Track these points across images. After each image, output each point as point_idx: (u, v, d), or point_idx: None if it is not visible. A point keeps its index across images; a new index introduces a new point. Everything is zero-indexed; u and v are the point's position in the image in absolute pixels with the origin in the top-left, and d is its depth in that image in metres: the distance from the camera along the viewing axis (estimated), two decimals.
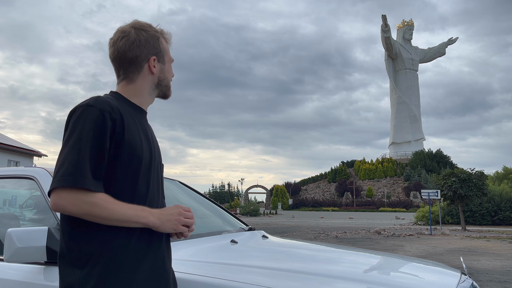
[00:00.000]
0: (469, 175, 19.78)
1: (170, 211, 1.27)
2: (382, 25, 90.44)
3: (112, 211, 1.16)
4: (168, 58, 1.46)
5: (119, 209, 1.17)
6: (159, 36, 1.43)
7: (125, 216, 1.18)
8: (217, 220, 2.80)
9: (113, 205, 1.17)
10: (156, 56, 1.40)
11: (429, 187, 60.56)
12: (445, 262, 8.39)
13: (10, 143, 25.57)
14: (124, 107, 1.31)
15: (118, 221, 1.18)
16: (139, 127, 1.32)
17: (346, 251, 2.20)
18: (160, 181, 1.39)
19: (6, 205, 3.04)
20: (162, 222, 1.24)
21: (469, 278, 2.02)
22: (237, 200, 67.81)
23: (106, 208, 1.16)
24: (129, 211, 1.19)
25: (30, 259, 1.53)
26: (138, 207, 1.21)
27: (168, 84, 1.46)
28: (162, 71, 1.43)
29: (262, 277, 1.52)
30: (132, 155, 1.25)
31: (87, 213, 1.15)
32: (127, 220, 1.18)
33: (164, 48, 1.44)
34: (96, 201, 1.15)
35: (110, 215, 1.17)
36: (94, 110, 1.20)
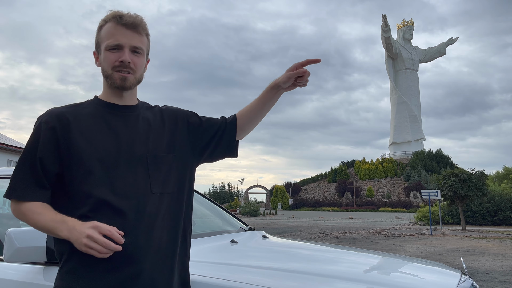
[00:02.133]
0: (469, 175, 19.76)
1: (82, 229, 1.14)
2: (382, 25, 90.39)
3: (35, 221, 1.22)
4: (104, 45, 1.29)
5: (42, 220, 1.21)
6: (102, 24, 1.32)
7: (46, 227, 1.20)
8: (217, 220, 2.80)
9: (37, 215, 1.22)
10: (95, 48, 1.36)
11: (429, 187, 60.53)
12: (445, 262, 8.39)
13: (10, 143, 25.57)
14: (88, 110, 1.32)
15: (43, 230, 1.23)
16: (103, 126, 1.29)
17: (346, 251, 2.20)
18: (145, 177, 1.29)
19: (6, 205, 3.04)
20: (73, 239, 1.15)
21: (469, 278, 2.02)
22: (237, 200, 67.78)
23: (31, 218, 1.22)
24: (49, 223, 1.20)
25: (30, 259, 1.53)
26: (60, 218, 1.19)
27: (107, 73, 1.30)
28: (101, 62, 1.33)
29: (262, 277, 1.52)
30: (81, 157, 1.24)
31: (22, 220, 1.26)
32: (48, 231, 1.21)
33: (102, 36, 1.31)
34: (24, 211, 1.24)
35: (35, 225, 1.23)
36: (36, 123, 1.29)
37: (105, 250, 1.12)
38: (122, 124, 1.32)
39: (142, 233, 1.24)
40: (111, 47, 1.28)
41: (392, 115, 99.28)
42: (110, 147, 1.27)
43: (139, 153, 1.30)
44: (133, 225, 1.23)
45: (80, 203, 1.23)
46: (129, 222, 1.23)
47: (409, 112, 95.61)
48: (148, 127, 1.36)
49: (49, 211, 1.23)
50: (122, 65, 1.28)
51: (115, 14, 1.30)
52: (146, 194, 1.28)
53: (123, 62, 1.28)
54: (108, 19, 1.30)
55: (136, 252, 1.21)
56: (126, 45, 1.28)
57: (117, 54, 1.28)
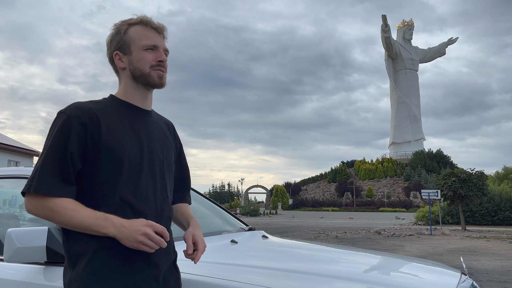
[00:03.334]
0: (469, 175, 19.76)
1: (135, 227, 1.17)
2: (382, 25, 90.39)
3: (69, 218, 1.17)
4: (137, 45, 1.35)
5: (78, 217, 1.17)
6: (125, 28, 1.36)
7: (84, 224, 1.17)
8: (217, 220, 2.80)
9: (71, 212, 1.18)
10: (119, 50, 1.37)
11: (429, 187, 60.53)
12: (445, 262, 8.39)
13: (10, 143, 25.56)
14: (111, 108, 1.32)
15: (77, 228, 1.19)
16: (128, 127, 1.31)
17: (346, 251, 2.20)
18: (160, 181, 1.36)
19: (6, 205, 3.03)
20: (122, 236, 1.17)
21: (469, 278, 2.02)
22: (237, 200, 67.79)
23: (64, 215, 1.17)
24: (88, 220, 1.17)
25: (30, 259, 1.53)
26: (101, 215, 1.18)
27: (143, 72, 1.34)
28: (131, 62, 1.35)
29: (262, 277, 1.52)
30: (112, 157, 1.24)
31: (47, 218, 1.19)
32: (86, 228, 1.18)
33: (129, 38, 1.35)
34: (53, 207, 1.18)
35: (68, 222, 1.18)
36: (63, 116, 1.25)
37: (157, 247, 1.18)
38: (143, 128, 1.37)
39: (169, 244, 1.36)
40: (148, 47, 1.35)
41: (392, 115, 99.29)
42: (136, 150, 1.30)
43: (158, 159, 1.37)
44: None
45: (102, 202, 1.23)
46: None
47: (409, 112, 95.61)
48: (162, 135, 1.44)
49: (83, 207, 1.19)
50: (160, 64, 1.36)
51: (144, 19, 1.37)
52: (163, 199, 1.36)
53: (162, 61, 1.36)
54: (135, 23, 1.36)
55: (156, 255, 1.28)
56: (160, 46, 1.37)
57: (153, 54, 1.35)
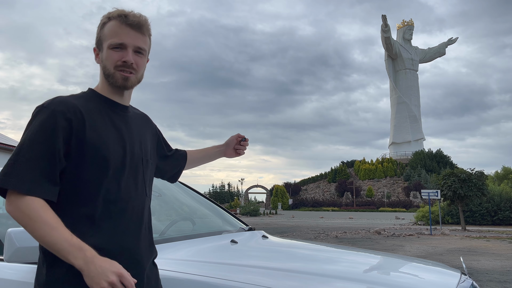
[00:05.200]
0: (469, 175, 19.77)
1: (105, 271, 1.03)
2: (382, 25, 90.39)
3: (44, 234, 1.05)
4: (106, 43, 1.27)
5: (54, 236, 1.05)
6: (106, 21, 1.28)
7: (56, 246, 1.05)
8: (217, 220, 2.80)
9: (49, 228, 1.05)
10: (96, 45, 1.31)
11: (429, 187, 60.52)
12: (445, 262, 8.39)
13: (10, 143, 25.56)
14: (93, 104, 1.26)
15: (45, 245, 1.07)
16: (109, 124, 1.26)
17: (346, 251, 2.20)
18: (141, 179, 1.32)
19: None
20: (88, 272, 1.03)
21: (469, 278, 2.02)
22: (237, 200, 67.77)
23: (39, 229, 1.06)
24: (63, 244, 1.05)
25: (30, 259, 1.52)
26: (77, 243, 1.06)
27: (109, 72, 1.27)
28: (102, 60, 1.29)
29: (262, 277, 1.52)
30: (96, 155, 1.19)
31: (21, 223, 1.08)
32: (56, 250, 1.06)
33: (103, 34, 1.28)
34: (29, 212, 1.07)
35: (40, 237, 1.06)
36: (46, 111, 1.17)
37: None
38: (123, 124, 1.31)
39: (143, 236, 1.30)
40: (115, 46, 1.26)
41: (392, 115, 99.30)
42: (119, 148, 1.25)
43: (137, 156, 1.32)
44: (137, 228, 1.27)
45: (85, 201, 1.18)
46: (133, 225, 1.26)
47: (409, 112, 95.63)
48: (140, 130, 1.39)
49: (62, 227, 1.08)
50: (124, 65, 1.26)
51: (120, 13, 1.27)
52: (143, 197, 1.32)
53: (126, 62, 1.26)
54: (113, 17, 1.27)
55: (140, 254, 1.26)
56: (129, 45, 1.26)
57: (120, 53, 1.26)
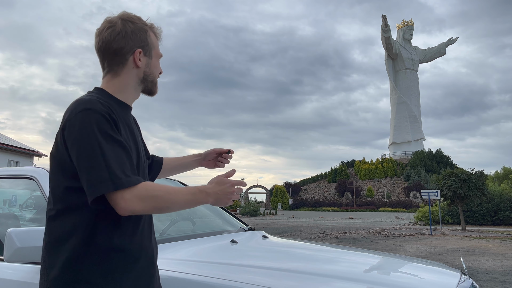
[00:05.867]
0: (469, 175, 19.76)
1: (224, 189, 1.22)
2: (382, 25, 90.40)
3: (173, 200, 1.15)
4: (155, 53, 1.39)
5: (180, 197, 1.16)
6: (147, 29, 1.36)
7: (186, 203, 1.18)
8: (217, 220, 2.80)
9: (173, 195, 1.16)
10: (142, 49, 1.34)
11: (429, 187, 60.51)
12: (445, 262, 8.39)
13: (10, 143, 25.56)
14: (112, 106, 1.26)
15: (179, 208, 1.19)
16: (126, 127, 1.29)
17: (346, 251, 2.20)
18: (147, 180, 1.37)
19: (6, 205, 3.04)
20: (217, 201, 1.22)
21: (469, 278, 2.02)
22: (237, 200, 67.70)
23: (168, 200, 1.15)
24: (188, 197, 1.18)
25: (30, 259, 1.53)
26: (195, 190, 1.20)
27: (155, 80, 1.39)
28: (148, 66, 1.36)
29: (262, 277, 1.52)
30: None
31: (152, 208, 1.14)
32: (187, 206, 1.19)
33: (152, 42, 1.37)
34: (154, 193, 1.14)
35: (172, 205, 1.16)
36: (92, 113, 1.16)
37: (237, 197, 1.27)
38: (133, 127, 1.36)
39: (153, 235, 1.36)
40: (159, 57, 1.41)
41: (392, 115, 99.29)
42: (135, 151, 1.29)
43: (143, 157, 1.37)
44: (149, 227, 1.33)
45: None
46: (147, 224, 1.31)
47: (409, 112, 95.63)
48: (139, 132, 1.45)
49: (173, 187, 1.18)
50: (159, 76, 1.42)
51: (157, 30, 1.40)
52: None
53: (160, 74, 1.43)
54: (151, 29, 1.38)
55: (153, 252, 1.31)
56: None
57: (159, 65, 1.41)
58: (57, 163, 1.20)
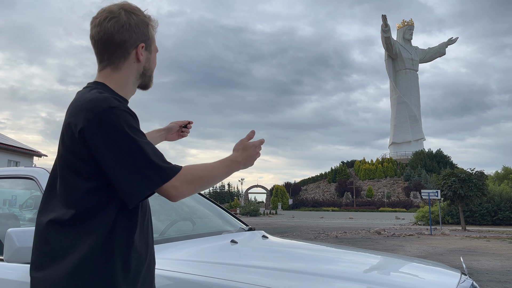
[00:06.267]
0: (469, 175, 19.76)
1: (248, 153, 1.33)
2: (382, 25, 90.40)
3: (214, 176, 1.23)
4: (154, 47, 1.37)
5: (217, 172, 1.25)
6: (148, 22, 1.33)
7: (224, 175, 1.27)
8: (217, 220, 2.80)
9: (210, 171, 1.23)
10: (144, 43, 1.31)
11: (429, 187, 60.52)
12: (445, 262, 8.39)
13: (10, 143, 25.56)
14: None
15: (219, 181, 1.27)
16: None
17: (346, 251, 2.20)
18: None
19: (6, 205, 3.04)
20: (247, 165, 1.33)
21: (469, 278, 2.02)
22: (237, 200, 67.75)
23: (209, 176, 1.22)
24: (224, 169, 1.27)
25: (30, 259, 1.53)
26: (227, 162, 1.28)
27: (152, 74, 1.37)
28: (148, 60, 1.34)
29: (262, 277, 1.52)
30: None
31: (199, 187, 1.20)
32: (224, 177, 1.28)
33: (151, 36, 1.35)
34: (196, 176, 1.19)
35: (215, 179, 1.24)
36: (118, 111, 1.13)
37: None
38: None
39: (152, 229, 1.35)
40: (156, 52, 1.39)
41: (392, 115, 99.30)
42: None
43: None
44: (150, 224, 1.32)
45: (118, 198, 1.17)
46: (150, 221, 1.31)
47: (409, 112, 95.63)
48: None
49: (205, 163, 1.26)
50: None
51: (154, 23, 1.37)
52: None
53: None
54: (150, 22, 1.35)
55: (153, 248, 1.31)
56: None
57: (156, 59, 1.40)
58: (70, 165, 1.14)
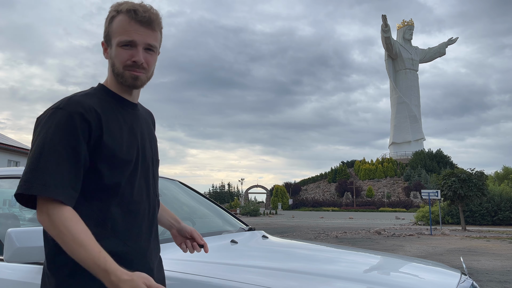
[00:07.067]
0: (469, 175, 19.76)
1: (134, 284, 0.99)
2: (382, 25, 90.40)
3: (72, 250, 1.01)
4: (115, 40, 1.18)
5: (82, 255, 1.00)
6: (114, 14, 1.19)
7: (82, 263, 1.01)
8: (217, 220, 2.80)
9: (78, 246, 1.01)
10: (104, 39, 1.23)
11: (429, 187, 60.53)
12: (445, 262, 8.39)
13: (10, 143, 25.56)
14: (106, 102, 1.21)
15: (72, 257, 1.03)
16: (122, 124, 1.22)
17: (346, 251, 2.20)
18: (152, 180, 1.30)
19: (6, 205, 3.04)
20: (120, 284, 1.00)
21: (469, 278, 2.02)
22: (237, 200, 67.75)
23: (71, 246, 1.01)
24: (89, 262, 1.00)
25: (30, 259, 1.52)
26: (103, 263, 1.00)
27: (119, 71, 1.20)
28: (111, 57, 1.21)
29: (262, 277, 1.52)
30: (112, 157, 1.15)
31: (52, 233, 1.03)
32: (81, 265, 1.02)
33: (112, 29, 1.19)
34: (61, 227, 1.02)
35: (68, 251, 1.02)
36: (63, 113, 1.10)
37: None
38: (135, 123, 1.27)
39: (153, 238, 1.29)
40: (124, 44, 1.18)
41: (392, 115, 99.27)
42: (133, 150, 1.22)
43: (148, 156, 1.29)
44: (148, 230, 1.26)
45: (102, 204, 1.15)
46: (145, 227, 1.25)
47: (409, 112, 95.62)
48: (149, 129, 1.35)
49: (91, 243, 1.02)
50: (134, 65, 1.19)
51: (130, 7, 1.18)
52: (154, 197, 1.31)
53: (136, 62, 1.19)
54: (121, 11, 1.18)
55: (150, 257, 1.25)
56: (140, 42, 1.18)
57: (129, 52, 1.18)
58: None
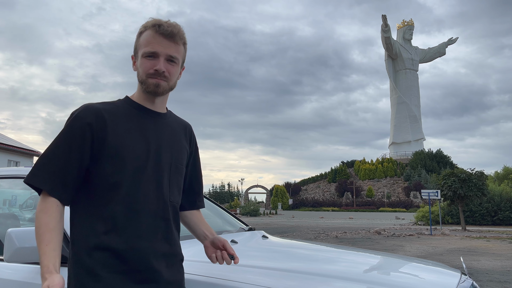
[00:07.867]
0: (469, 175, 19.76)
1: (45, 284, 1.09)
2: (382, 25, 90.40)
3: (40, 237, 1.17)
4: (141, 52, 1.35)
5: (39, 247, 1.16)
6: (142, 30, 1.37)
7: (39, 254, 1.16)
8: (217, 220, 2.80)
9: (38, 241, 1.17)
10: (133, 53, 1.40)
11: (429, 187, 60.53)
12: (445, 262, 8.39)
13: (10, 143, 25.55)
14: (121, 109, 1.35)
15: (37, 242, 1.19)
16: (134, 127, 1.33)
17: (345, 251, 2.20)
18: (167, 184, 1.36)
19: (6, 205, 3.03)
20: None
21: (469, 278, 2.02)
22: (237, 200, 67.74)
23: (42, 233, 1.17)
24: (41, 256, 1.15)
25: (30, 259, 1.53)
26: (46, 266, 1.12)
27: (142, 78, 1.35)
28: (137, 67, 1.38)
29: (262, 277, 1.52)
30: (115, 156, 1.27)
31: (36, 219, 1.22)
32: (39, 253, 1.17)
33: (139, 43, 1.36)
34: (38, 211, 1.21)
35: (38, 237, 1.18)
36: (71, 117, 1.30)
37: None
38: (152, 129, 1.37)
39: (158, 239, 1.31)
40: (148, 55, 1.33)
41: (392, 115, 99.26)
42: (141, 150, 1.31)
43: (165, 161, 1.37)
44: (151, 233, 1.29)
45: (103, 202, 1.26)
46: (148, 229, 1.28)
47: (409, 112, 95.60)
48: (173, 136, 1.43)
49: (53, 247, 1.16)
50: (156, 73, 1.33)
51: (155, 23, 1.34)
52: (166, 201, 1.35)
53: (157, 71, 1.32)
54: (148, 27, 1.34)
55: (154, 259, 1.27)
56: (162, 53, 1.33)
57: (152, 62, 1.33)
58: None
